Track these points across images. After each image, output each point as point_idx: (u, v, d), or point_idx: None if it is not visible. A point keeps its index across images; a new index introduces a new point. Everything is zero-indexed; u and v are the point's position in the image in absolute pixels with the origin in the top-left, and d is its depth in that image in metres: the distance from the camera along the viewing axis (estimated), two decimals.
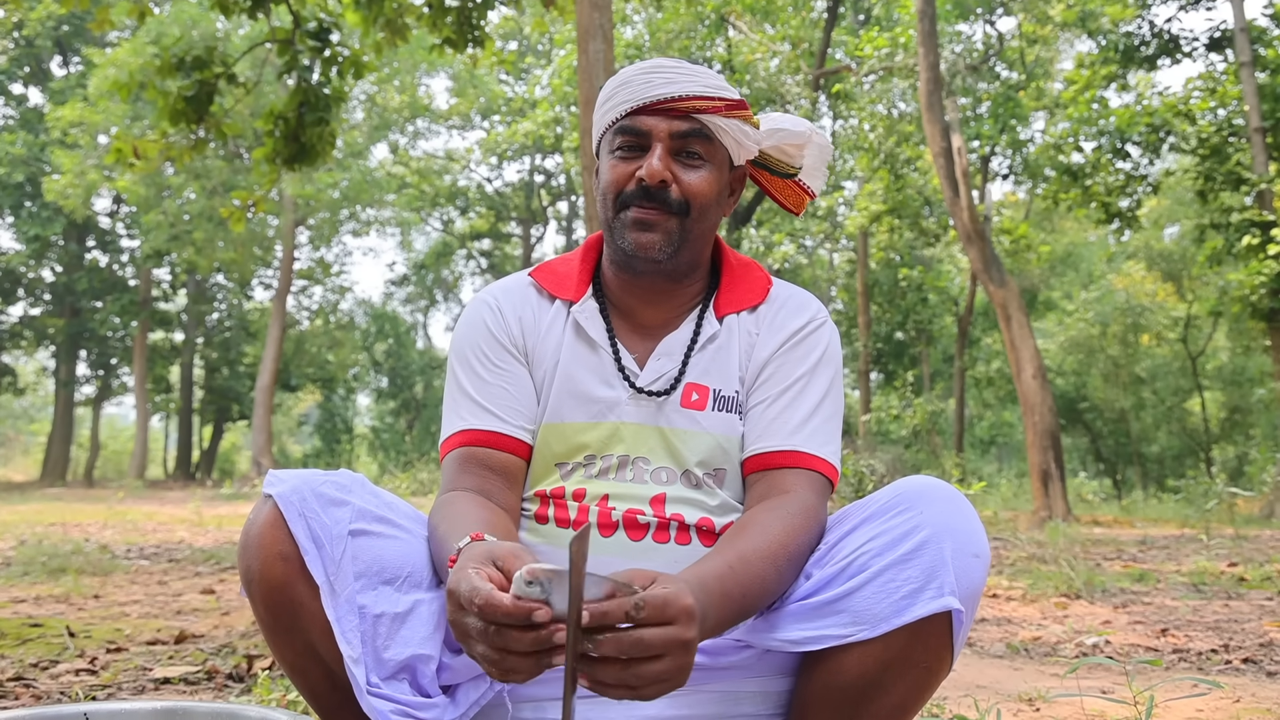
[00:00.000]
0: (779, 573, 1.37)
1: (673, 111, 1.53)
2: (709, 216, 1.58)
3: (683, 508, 1.55)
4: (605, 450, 1.58)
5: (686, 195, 1.54)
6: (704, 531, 1.54)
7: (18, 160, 27.15)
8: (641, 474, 1.57)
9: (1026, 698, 2.79)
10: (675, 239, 1.55)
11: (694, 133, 1.54)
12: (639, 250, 1.55)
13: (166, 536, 8.93)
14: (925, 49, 13.14)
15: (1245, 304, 14.08)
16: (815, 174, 1.70)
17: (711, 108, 1.53)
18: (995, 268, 13.01)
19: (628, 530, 1.53)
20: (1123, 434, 29.09)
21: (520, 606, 1.05)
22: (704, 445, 1.58)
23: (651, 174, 1.52)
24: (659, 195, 1.53)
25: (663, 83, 1.52)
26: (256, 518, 1.39)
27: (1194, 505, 11.63)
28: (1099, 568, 6.52)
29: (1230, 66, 16.08)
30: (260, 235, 28.00)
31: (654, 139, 1.54)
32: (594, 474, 1.58)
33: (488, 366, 1.61)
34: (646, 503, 1.55)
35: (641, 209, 1.54)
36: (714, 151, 1.57)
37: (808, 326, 1.64)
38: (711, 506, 1.57)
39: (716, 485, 1.59)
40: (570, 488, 1.57)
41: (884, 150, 19.32)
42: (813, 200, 1.74)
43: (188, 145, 7.69)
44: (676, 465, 1.58)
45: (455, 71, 31.73)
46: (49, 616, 4.12)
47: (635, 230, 1.55)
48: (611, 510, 1.54)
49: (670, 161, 1.54)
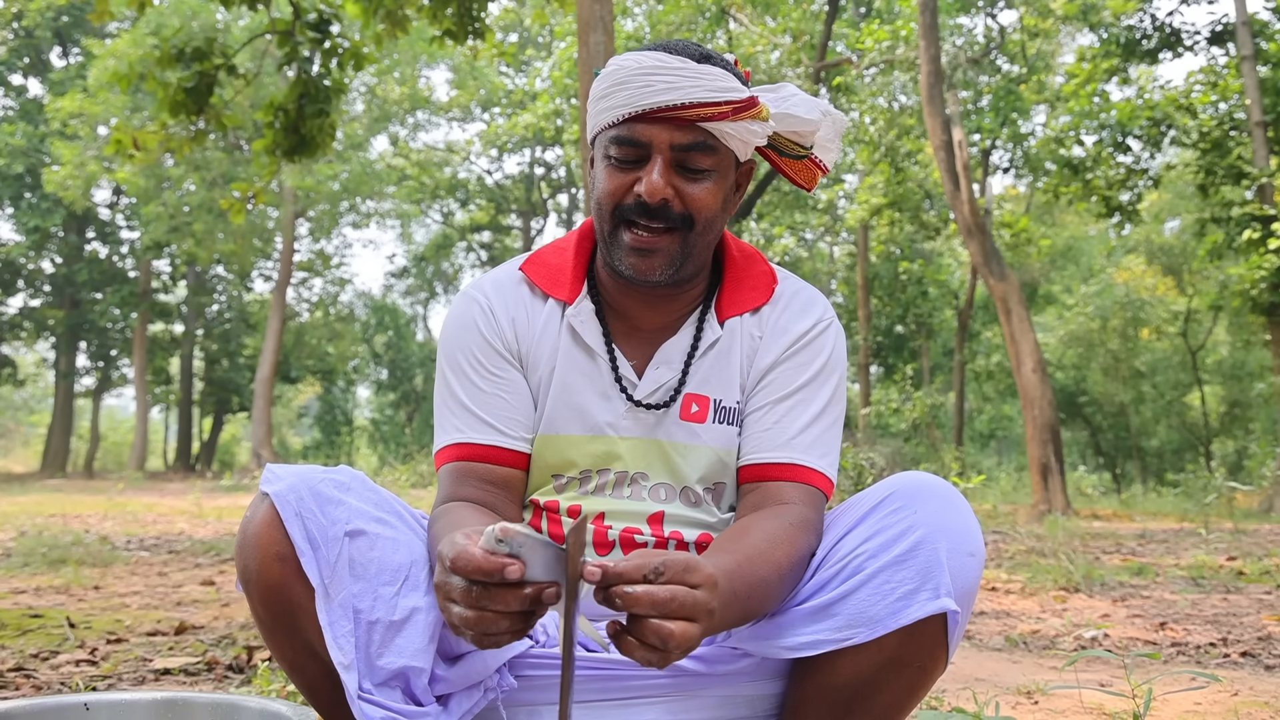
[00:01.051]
0: (782, 579, 1.33)
1: (675, 120, 1.41)
2: (714, 227, 1.49)
3: (681, 526, 1.53)
4: (602, 465, 1.54)
5: (690, 209, 1.45)
6: (703, 548, 1.52)
7: (17, 151, 27.10)
8: (639, 491, 1.54)
9: (1025, 690, 2.79)
10: (677, 259, 1.47)
11: (697, 145, 1.43)
12: (637, 275, 1.48)
13: (166, 528, 8.93)
14: (926, 42, 13.11)
15: (1245, 298, 14.07)
16: (828, 148, 1.58)
17: (718, 114, 1.41)
18: (995, 261, 13.00)
19: (624, 549, 1.50)
20: (1122, 428, 29.10)
21: (491, 560, 1.02)
22: (704, 460, 1.54)
23: (652, 192, 1.41)
24: (660, 212, 1.44)
25: (664, 88, 1.39)
26: (253, 516, 1.37)
27: (1193, 499, 11.64)
28: (1098, 561, 6.52)
29: (1232, 60, 16.06)
30: (260, 227, 27.96)
31: (654, 150, 1.43)
32: (590, 490, 1.54)
33: (483, 375, 1.55)
34: (644, 520, 1.52)
35: (639, 233, 1.45)
36: (719, 160, 1.46)
37: (813, 330, 1.57)
38: (711, 524, 1.54)
39: (715, 502, 1.55)
40: (565, 503, 1.54)
41: (885, 143, 19.30)
42: (825, 175, 1.63)
43: (187, 137, 7.68)
44: (675, 481, 1.54)
45: (455, 63, 31.68)
46: (49, 607, 4.13)
47: (633, 256, 1.46)
48: (608, 529, 1.51)
49: (671, 175, 1.43)
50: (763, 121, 1.47)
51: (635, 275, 1.48)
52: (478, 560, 1.03)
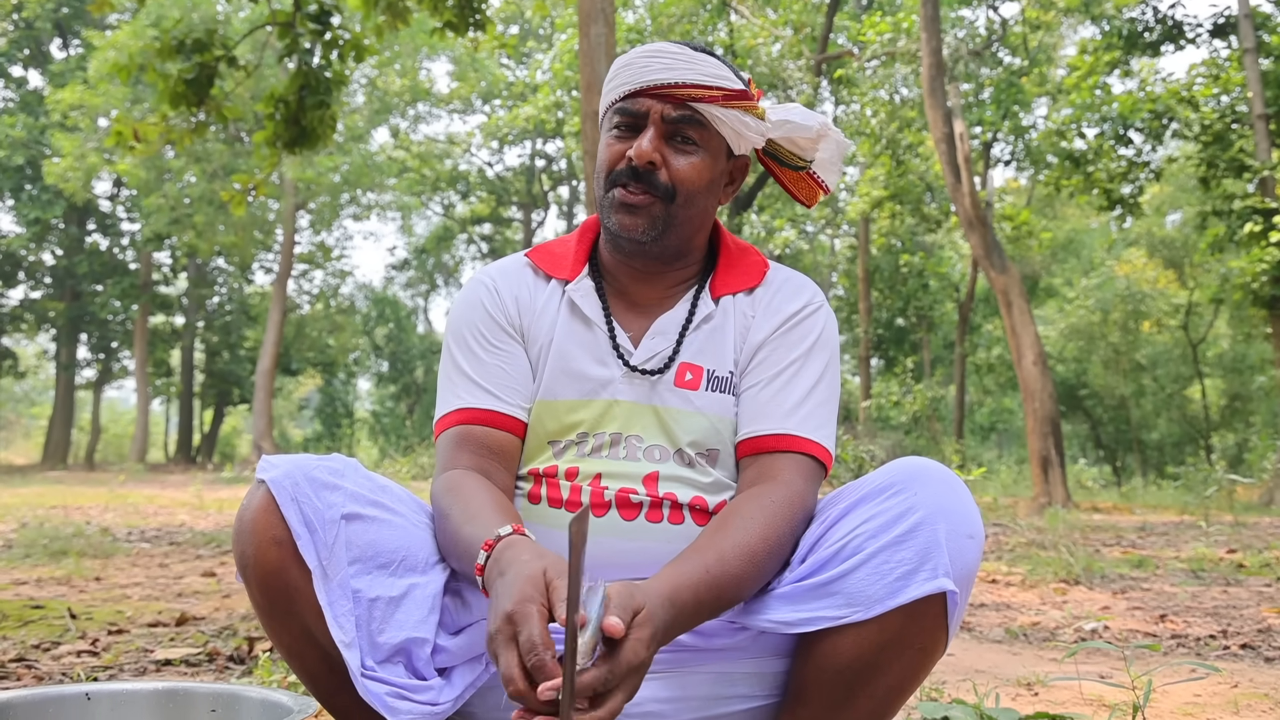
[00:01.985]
0: (758, 569, 1.37)
1: (669, 98, 1.53)
2: (696, 203, 1.57)
3: (675, 486, 1.54)
4: (598, 428, 1.57)
5: (674, 180, 1.53)
6: (697, 510, 1.54)
7: (18, 143, 27.09)
8: (634, 451, 1.56)
9: (1025, 682, 2.80)
10: (660, 223, 1.54)
11: (687, 119, 1.53)
12: (622, 231, 1.55)
13: (167, 520, 8.95)
14: (928, 34, 13.09)
15: (1246, 291, 14.06)
16: (830, 169, 1.67)
17: (708, 97, 1.52)
18: (996, 254, 12.99)
19: (620, 510, 1.52)
20: (1123, 421, 29.11)
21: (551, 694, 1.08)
22: (697, 425, 1.57)
23: (640, 155, 1.51)
24: (646, 177, 1.53)
25: (660, 68, 1.52)
26: (250, 503, 1.39)
27: (1193, 492, 11.65)
28: (1098, 554, 6.53)
29: (1234, 53, 16.02)
30: (261, 219, 27.96)
31: (648, 120, 1.54)
32: (586, 452, 1.57)
33: (485, 346, 1.61)
34: (639, 481, 1.54)
35: (628, 191, 1.54)
36: (708, 139, 1.56)
37: (804, 310, 1.62)
38: (704, 484, 1.56)
39: (709, 465, 1.57)
40: (563, 466, 1.56)
41: (886, 136, 19.28)
42: (827, 195, 1.71)
43: (188, 128, 7.67)
44: (669, 444, 1.57)
45: (456, 55, 31.63)
46: (50, 598, 4.13)
47: (619, 212, 1.55)
48: (604, 490, 1.53)
49: (662, 145, 1.53)
50: (757, 118, 1.56)
51: (620, 231, 1.56)
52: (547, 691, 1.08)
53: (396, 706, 1.33)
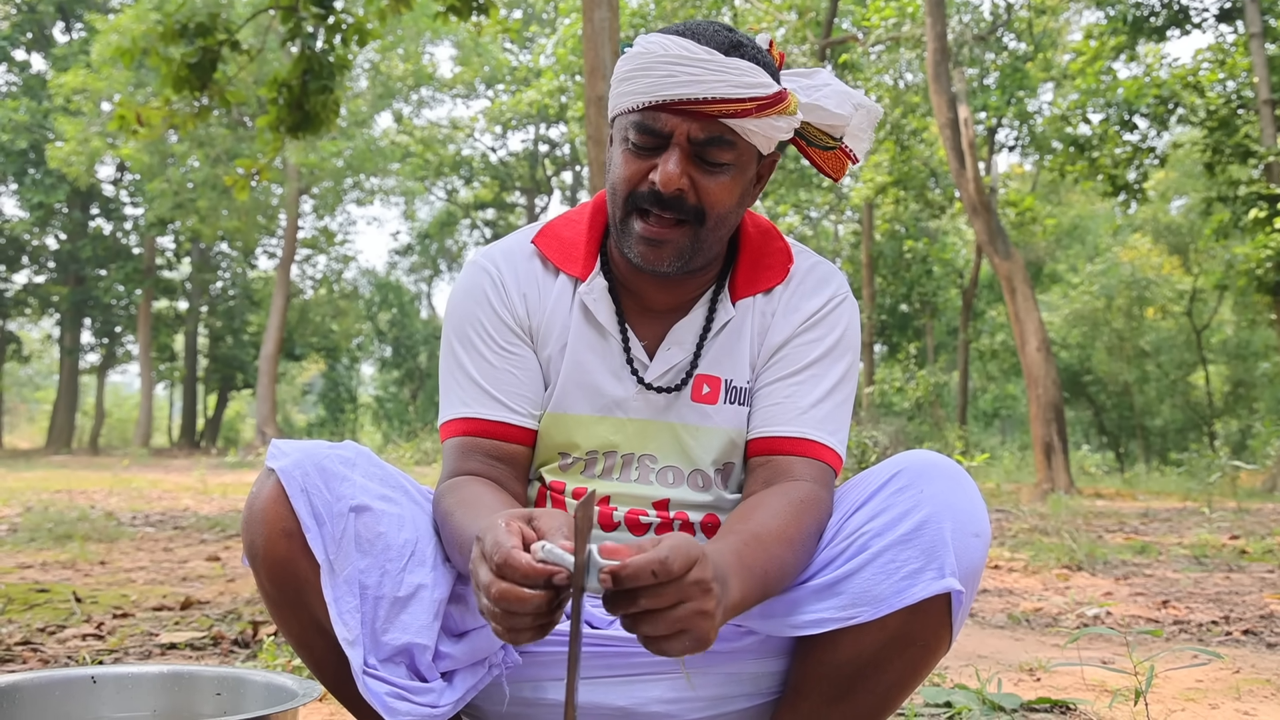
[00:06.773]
0: (795, 555, 1.33)
1: (696, 114, 1.37)
2: (728, 222, 1.46)
3: (687, 509, 1.53)
4: (609, 448, 1.53)
5: (704, 203, 1.41)
6: (710, 528, 1.52)
7: (21, 127, 27.05)
8: (647, 474, 1.53)
9: (1027, 667, 2.81)
10: (686, 251, 1.44)
11: (716, 140, 1.38)
12: (645, 264, 1.45)
13: (172, 504, 8.97)
14: (933, 19, 13.04)
15: (1251, 277, 14.03)
16: (860, 137, 1.54)
17: (741, 111, 1.36)
18: (1001, 240, 12.97)
19: (629, 530, 1.51)
20: (1126, 407, 29.09)
21: (536, 568, 1.03)
22: (715, 441, 1.53)
23: (666, 182, 1.38)
24: (673, 203, 1.40)
25: (687, 79, 1.35)
26: (260, 491, 1.37)
27: (1196, 478, 11.65)
28: (1101, 540, 6.53)
29: (1240, 38, 15.95)
30: (264, 204, 27.94)
31: (672, 141, 1.39)
32: (596, 474, 1.54)
33: (493, 349, 1.53)
34: (649, 505, 1.52)
35: (650, 224, 1.42)
36: (738, 155, 1.42)
37: (826, 306, 1.55)
38: (717, 505, 1.54)
39: (724, 483, 1.55)
40: (570, 485, 1.54)
41: (890, 121, 19.22)
42: (856, 165, 1.58)
43: (191, 112, 7.66)
44: (685, 464, 1.54)
45: (459, 40, 31.53)
46: (56, 582, 4.14)
47: (643, 245, 1.44)
48: (613, 511, 1.51)
49: (688, 166, 1.39)
50: (789, 116, 1.42)
51: (643, 264, 1.46)
52: (524, 568, 1.04)
53: (396, 707, 1.31)
